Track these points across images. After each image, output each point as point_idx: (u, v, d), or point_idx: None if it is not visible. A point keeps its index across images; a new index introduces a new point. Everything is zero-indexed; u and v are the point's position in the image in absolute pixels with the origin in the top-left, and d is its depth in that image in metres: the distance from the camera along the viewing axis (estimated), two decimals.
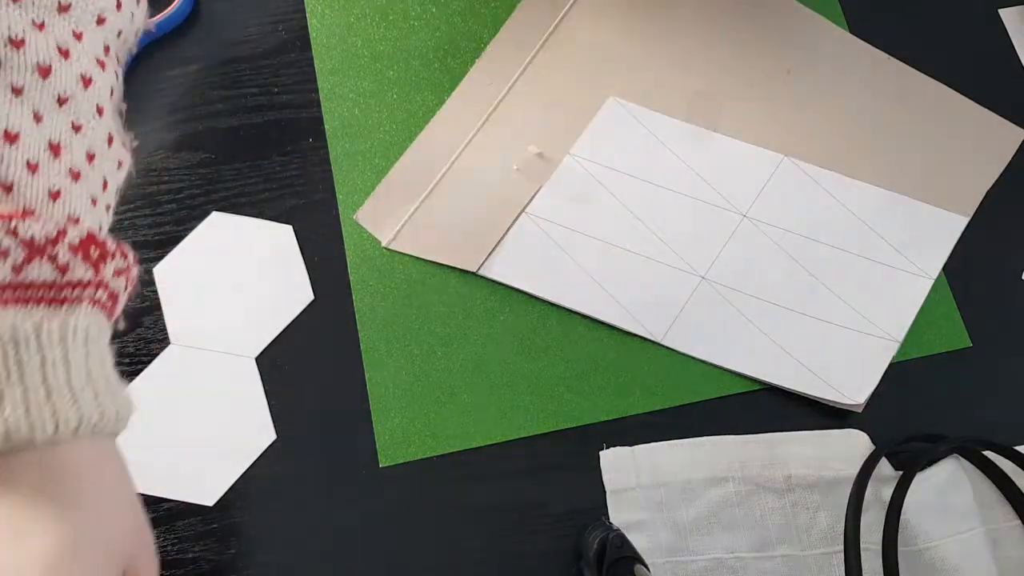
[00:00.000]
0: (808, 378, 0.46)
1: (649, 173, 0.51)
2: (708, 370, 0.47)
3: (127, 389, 0.31)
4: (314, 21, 0.55)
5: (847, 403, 0.45)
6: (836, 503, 0.44)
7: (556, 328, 0.48)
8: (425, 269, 0.49)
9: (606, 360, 0.47)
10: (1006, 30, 0.56)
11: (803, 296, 0.48)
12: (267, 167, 0.51)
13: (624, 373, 0.47)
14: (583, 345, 0.48)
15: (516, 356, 0.48)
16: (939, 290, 0.49)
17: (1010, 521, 0.44)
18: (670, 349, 0.47)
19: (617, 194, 0.50)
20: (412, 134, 0.52)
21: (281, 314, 0.48)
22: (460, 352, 0.48)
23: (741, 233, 0.49)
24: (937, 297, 0.49)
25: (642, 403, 0.47)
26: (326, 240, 0.50)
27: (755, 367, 0.47)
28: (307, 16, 0.55)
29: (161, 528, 0.44)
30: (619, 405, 0.46)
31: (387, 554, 0.44)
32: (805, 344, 0.47)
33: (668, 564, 0.42)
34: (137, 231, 0.50)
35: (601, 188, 0.50)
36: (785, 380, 0.46)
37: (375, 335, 0.48)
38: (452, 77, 0.53)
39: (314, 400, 0.47)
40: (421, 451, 0.46)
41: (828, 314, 0.48)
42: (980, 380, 0.48)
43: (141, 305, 0.48)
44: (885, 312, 0.48)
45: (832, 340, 0.47)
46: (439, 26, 0.54)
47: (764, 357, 0.47)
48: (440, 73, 0.53)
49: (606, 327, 0.48)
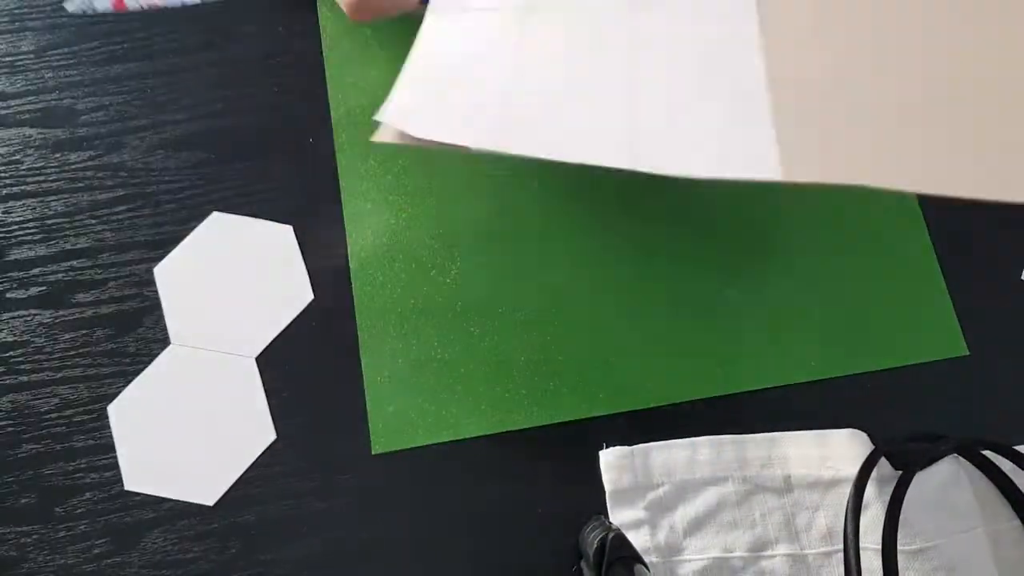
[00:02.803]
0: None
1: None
2: (708, 369, 0.47)
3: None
4: (324, 10, 0.55)
5: None
6: (836, 503, 0.44)
7: (555, 321, 0.48)
8: (425, 264, 0.49)
9: (605, 355, 0.47)
10: None
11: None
12: (267, 167, 0.51)
13: (623, 368, 0.47)
14: (582, 339, 0.48)
15: (514, 350, 0.48)
16: (938, 296, 0.49)
17: (1010, 521, 0.44)
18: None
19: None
20: None
21: (281, 314, 0.48)
22: (457, 345, 0.48)
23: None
24: (935, 303, 0.49)
25: (640, 399, 0.47)
26: (326, 240, 0.50)
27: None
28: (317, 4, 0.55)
29: (161, 528, 0.44)
30: (617, 400, 0.47)
31: (387, 553, 0.44)
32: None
33: (667, 564, 0.42)
34: (137, 231, 0.50)
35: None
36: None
37: (372, 327, 0.48)
38: None
39: (314, 400, 0.47)
40: (415, 439, 0.46)
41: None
42: (979, 384, 0.48)
43: (141, 305, 0.48)
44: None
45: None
46: None
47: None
48: None
49: (606, 323, 0.48)
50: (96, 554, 0.44)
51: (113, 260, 0.49)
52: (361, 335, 0.48)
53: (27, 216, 0.50)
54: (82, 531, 0.44)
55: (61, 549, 0.44)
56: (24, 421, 0.46)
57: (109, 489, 0.45)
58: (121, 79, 0.53)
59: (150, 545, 0.44)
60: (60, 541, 0.44)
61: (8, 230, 0.50)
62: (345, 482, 0.45)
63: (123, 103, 0.53)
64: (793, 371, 0.48)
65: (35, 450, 0.46)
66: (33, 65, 0.54)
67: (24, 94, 0.53)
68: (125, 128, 0.52)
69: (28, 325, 0.48)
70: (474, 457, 0.46)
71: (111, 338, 0.48)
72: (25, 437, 0.46)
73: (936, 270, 0.50)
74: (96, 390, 0.47)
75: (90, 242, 0.50)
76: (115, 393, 0.47)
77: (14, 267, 0.49)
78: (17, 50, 0.54)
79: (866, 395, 0.47)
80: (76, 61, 0.54)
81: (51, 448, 0.46)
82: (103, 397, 0.47)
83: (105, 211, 0.50)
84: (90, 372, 0.47)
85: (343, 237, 0.50)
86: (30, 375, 0.47)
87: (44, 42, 0.54)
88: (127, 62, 0.54)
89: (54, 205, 0.51)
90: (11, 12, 0.55)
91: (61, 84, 0.53)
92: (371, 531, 0.44)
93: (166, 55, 0.54)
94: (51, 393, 0.47)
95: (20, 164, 0.51)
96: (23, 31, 0.54)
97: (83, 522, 0.44)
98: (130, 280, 0.49)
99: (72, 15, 0.55)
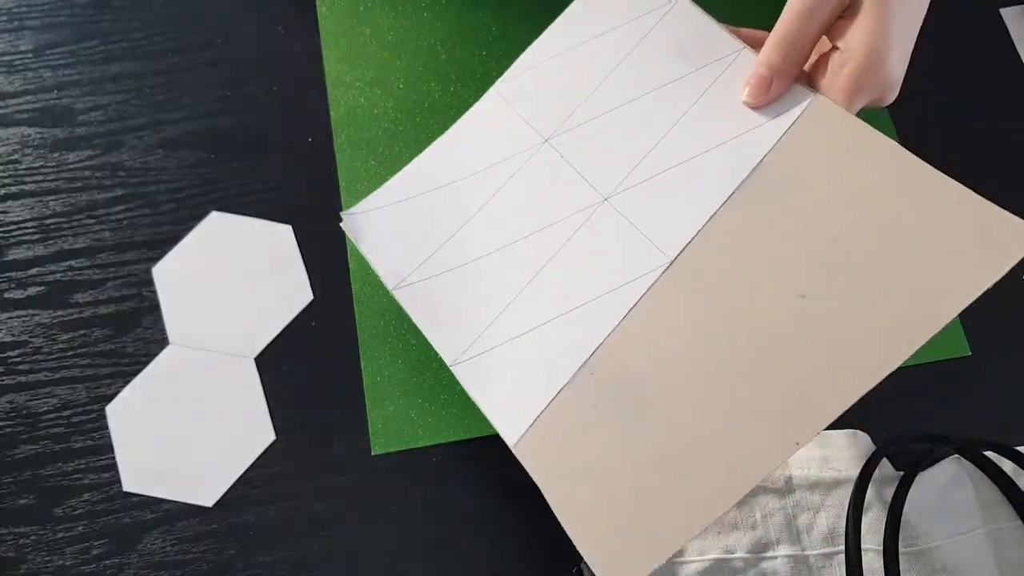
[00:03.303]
0: None
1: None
2: None
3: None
4: (323, 9, 0.55)
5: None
6: (837, 504, 0.43)
7: None
8: None
9: None
10: (1007, 29, 0.56)
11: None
12: (267, 167, 0.51)
13: None
14: None
15: None
16: None
17: (1012, 521, 0.44)
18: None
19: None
20: (417, 124, 0.52)
21: (281, 314, 0.48)
22: None
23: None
24: None
25: None
26: (326, 240, 0.50)
27: None
28: (316, 3, 0.55)
29: (160, 529, 0.44)
30: None
31: (387, 554, 0.44)
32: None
33: (668, 565, 0.42)
34: (136, 231, 0.50)
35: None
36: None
37: (373, 327, 0.48)
38: (459, 68, 0.53)
39: (314, 400, 0.47)
40: (415, 440, 0.46)
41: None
42: (981, 384, 0.48)
43: (140, 305, 0.48)
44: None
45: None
46: (448, 16, 0.55)
47: None
48: (447, 64, 0.53)
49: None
50: (95, 555, 0.44)
51: (112, 260, 0.49)
52: (361, 335, 0.48)
53: (25, 216, 0.50)
54: (80, 532, 0.44)
55: (60, 550, 0.44)
56: (22, 422, 0.46)
57: (108, 490, 0.45)
58: (120, 78, 0.53)
59: (149, 546, 0.44)
60: (59, 542, 0.44)
61: (6, 230, 0.50)
62: (344, 483, 0.45)
63: (122, 102, 0.53)
64: None
65: (33, 451, 0.45)
66: (32, 64, 0.53)
67: (22, 93, 0.53)
68: (124, 127, 0.52)
69: (26, 325, 0.48)
70: (474, 458, 0.46)
71: (110, 338, 0.48)
72: (23, 438, 0.46)
73: None
74: (95, 391, 0.47)
75: (88, 242, 0.50)
76: (114, 394, 0.46)
77: (12, 267, 0.49)
78: (15, 49, 0.54)
79: (867, 396, 0.47)
80: (75, 60, 0.53)
81: (49, 449, 0.45)
82: (102, 398, 0.46)
83: (104, 211, 0.50)
84: (88, 372, 0.47)
85: (342, 237, 0.50)
86: (28, 375, 0.47)
87: (43, 41, 0.54)
88: (126, 61, 0.54)
89: (52, 205, 0.50)
90: (9, 11, 0.55)
91: (60, 83, 0.53)
92: (370, 532, 0.44)
93: (165, 54, 0.54)
94: (49, 394, 0.47)
95: (18, 164, 0.51)
96: (21, 30, 0.54)
97: (82, 523, 0.44)
98: (129, 280, 0.49)
99: (72, 14, 0.55)
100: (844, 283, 0.35)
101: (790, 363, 0.34)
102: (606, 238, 0.39)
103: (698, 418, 0.35)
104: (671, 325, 0.37)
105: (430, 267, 0.42)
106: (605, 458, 0.36)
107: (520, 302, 0.40)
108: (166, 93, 0.53)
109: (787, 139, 0.38)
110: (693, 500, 0.33)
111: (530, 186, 0.42)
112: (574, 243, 0.40)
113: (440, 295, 0.41)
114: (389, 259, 0.42)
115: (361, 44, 0.54)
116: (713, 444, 0.34)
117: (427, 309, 0.41)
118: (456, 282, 0.41)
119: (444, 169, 0.44)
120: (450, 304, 0.41)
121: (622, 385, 0.36)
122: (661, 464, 0.35)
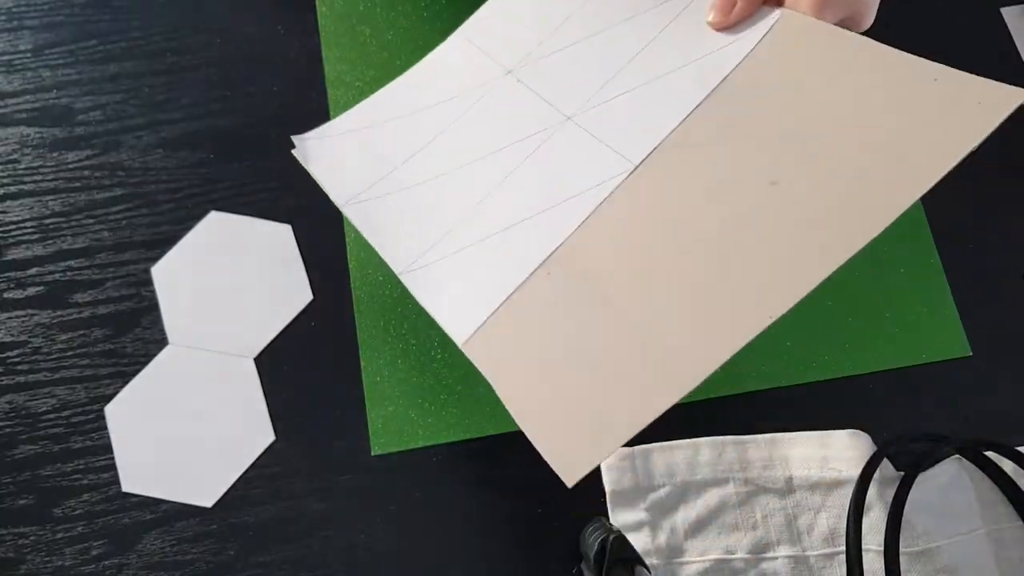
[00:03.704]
0: None
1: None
2: None
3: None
4: (323, 9, 0.55)
5: None
6: (838, 504, 0.43)
7: None
8: None
9: None
10: (1008, 29, 0.56)
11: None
12: (267, 167, 0.51)
13: None
14: None
15: None
16: (940, 297, 0.49)
17: (1012, 522, 0.44)
18: None
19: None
20: None
21: (280, 314, 0.48)
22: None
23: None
24: (938, 304, 0.49)
25: None
26: (326, 240, 0.50)
27: None
28: (316, 3, 0.55)
29: (159, 529, 0.44)
30: None
31: (387, 554, 0.44)
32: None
33: (668, 565, 0.42)
34: (136, 231, 0.50)
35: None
36: None
37: (373, 327, 0.48)
38: None
39: (313, 400, 0.47)
40: (415, 440, 0.46)
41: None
42: (982, 385, 0.48)
43: (139, 305, 0.48)
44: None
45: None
46: (448, 16, 0.55)
47: None
48: None
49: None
50: (94, 555, 0.43)
51: (111, 260, 0.49)
52: (361, 335, 0.48)
53: (24, 216, 0.50)
54: (80, 532, 0.44)
55: (59, 550, 0.44)
56: (22, 422, 0.46)
57: (107, 490, 0.45)
58: (119, 78, 0.53)
59: (148, 546, 0.44)
60: (58, 542, 0.44)
61: (5, 230, 0.50)
62: (344, 483, 0.45)
63: (121, 102, 0.53)
64: (795, 372, 0.47)
65: (33, 451, 0.45)
66: (31, 64, 0.53)
67: (21, 93, 0.53)
68: (123, 127, 0.52)
69: (25, 325, 0.48)
70: (474, 458, 0.46)
71: (109, 338, 0.48)
72: (22, 438, 0.46)
73: (939, 271, 0.50)
74: (94, 391, 0.47)
75: (88, 242, 0.49)
76: (113, 394, 0.46)
77: (11, 267, 0.49)
78: (15, 48, 0.54)
79: (868, 396, 0.47)
80: (74, 60, 0.53)
81: (49, 449, 0.45)
82: (101, 398, 0.46)
83: (103, 211, 0.50)
84: (88, 373, 0.47)
85: (342, 237, 0.50)
86: (27, 376, 0.47)
87: (42, 40, 0.54)
88: (125, 61, 0.54)
89: (51, 205, 0.50)
90: (9, 11, 0.55)
91: (59, 83, 0.53)
92: (370, 532, 0.44)
93: (164, 54, 0.54)
94: (48, 394, 0.46)
95: (17, 163, 0.51)
96: (21, 29, 0.54)
97: (81, 523, 0.44)
98: (128, 280, 0.49)
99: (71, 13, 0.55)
100: (818, 164, 0.33)
101: (762, 243, 0.33)
102: (568, 153, 0.39)
103: (662, 302, 0.33)
104: (636, 222, 0.36)
105: (384, 186, 0.41)
106: (562, 352, 0.34)
107: (476, 215, 0.39)
108: (165, 93, 0.53)
109: (757, 51, 0.37)
110: (654, 383, 0.32)
111: (490, 111, 0.41)
112: (534, 159, 0.39)
113: (393, 211, 0.40)
114: (341, 181, 0.41)
115: (361, 44, 0.54)
116: (678, 324, 0.33)
117: (378, 224, 0.40)
118: (410, 200, 0.40)
119: (404, 102, 0.43)
120: (403, 219, 0.40)
121: (581, 281, 0.35)
122: (621, 353, 0.33)
